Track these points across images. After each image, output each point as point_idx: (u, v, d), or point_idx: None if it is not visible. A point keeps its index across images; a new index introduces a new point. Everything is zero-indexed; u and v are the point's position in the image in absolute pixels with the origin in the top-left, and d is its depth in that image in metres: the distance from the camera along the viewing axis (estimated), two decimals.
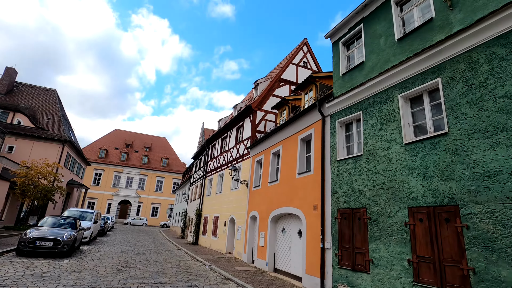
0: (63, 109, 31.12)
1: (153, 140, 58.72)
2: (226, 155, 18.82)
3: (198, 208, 22.01)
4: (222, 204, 17.75)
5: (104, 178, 47.91)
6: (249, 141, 15.81)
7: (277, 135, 12.30)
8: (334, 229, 7.73)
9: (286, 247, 10.51)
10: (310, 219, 8.87)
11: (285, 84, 17.70)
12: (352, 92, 8.08)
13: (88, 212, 16.51)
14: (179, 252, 15.71)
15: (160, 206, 50.16)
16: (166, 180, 51.88)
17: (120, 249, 14.47)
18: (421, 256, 5.48)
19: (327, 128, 8.92)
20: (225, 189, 17.88)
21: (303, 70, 18.73)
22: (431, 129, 6.02)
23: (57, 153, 24.64)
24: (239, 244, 14.39)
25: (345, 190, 7.64)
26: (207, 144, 23.46)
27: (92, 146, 50.85)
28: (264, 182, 12.91)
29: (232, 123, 18.81)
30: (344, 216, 7.51)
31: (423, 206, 5.63)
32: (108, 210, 46.71)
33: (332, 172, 8.27)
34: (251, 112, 16.26)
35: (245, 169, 15.51)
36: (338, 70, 9.10)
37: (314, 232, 8.56)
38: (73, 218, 12.11)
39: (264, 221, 12.02)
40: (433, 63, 6.07)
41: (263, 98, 16.63)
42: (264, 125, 16.25)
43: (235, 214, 15.68)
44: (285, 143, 11.61)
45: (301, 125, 10.52)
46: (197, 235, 21.13)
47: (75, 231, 11.18)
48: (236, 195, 16.06)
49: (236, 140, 17.94)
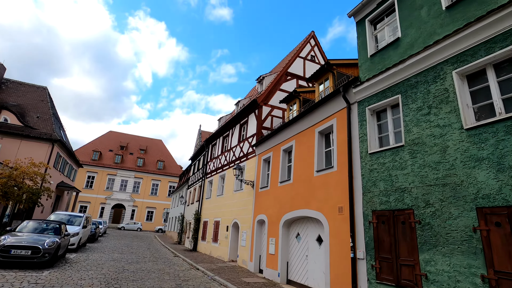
0: (54, 108, 29.58)
1: (148, 142, 57.13)
2: (228, 155, 17.49)
3: (196, 212, 20.58)
4: (224, 207, 16.38)
5: (97, 181, 46.12)
6: (254, 139, 14.52)
7: (289, 129, 11.04)
8: (368, 235, 6.44)
9: (301, 255, 9.18)
10: (334, 223, 7.57)
11: (292, 78, 16.50)
12: (386, 73, 6.86)
13: (77, 216, 15.03)
14: (177, 260, 14.28)
15: (156, 210, 48.43)
16: (161, 183, 50.23)
17: (111, 257, 13.00)
18: (502, 272, 4.21)
19: (354, 117, 7.67)
20: (227, 191, 16.52)
21: (311, 64, 17.58)
22: (501, 110, 4.79)
23: (46, 153, 23.10)
24: (244, 251, 13.02)
25: (381, 188, 6.37)
26: (207, 143, 22.12)
27: (85, 148, 49.12)
28: (273, 182, 11.60)
29: (234, 120, 17.51)
30: (381, 219, 6.23)
31: (501, 206, 4.38)
32: (101, 214, 44.87)
33: (362, 167, 7.01)
34: (257, 108, 15.00)
35: (250, 168, 14.20)
36: (364, 51, 7.90)
37: (340, 239, 7.26)
38: (57, 223, 10.66)
39: (274, 226, 10.69)
40: (503, 28, 4.86)
41: (269, 92, 15.40)
42: (270, 121, 14.99)
43: (239, 218, 14.33)
44: (298, 138, 10.34)
45: (318, 117, 9.27)
46: (195, 240, 19.67)
47: (59, 238, 9.75)
48: (240, 197, 14.71)
49: (239, 138, 16.65)
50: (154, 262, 12.80)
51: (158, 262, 12.96)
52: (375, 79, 7.12)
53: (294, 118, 10.38)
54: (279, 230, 10.27)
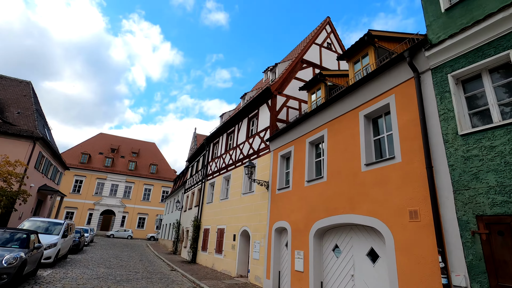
0: (38, 104, 27.11)
1: (141, 145, 54.51)
2: (234, 153, 15.38)
3: (196, 218, 18.30)
4: (230, 213, 14.20)
5: (86, 186, 43.23)
6: (267, 133, 12.48)
7: (317, 117, 9.03)
8: (472, 252, 4.41)
9: (343, 275, 7.09)
10: (403, 233, 5.53)
11: (308, 66, 14.60)
12: (479, 26, 4.93)
13: (56, 224, 12.65)
14: (175, 276, 11.99)
15: (148, 216, 45.65)
16: (154, 188, 47.56)
17: (95, 273, 10.66)
18: None
19: (427, 89, 5.70)
20: (233, 194, 14.36)
21: (328, 52, 15.75)
22: None
23: (26, 152, 20.59)
24: (258, 266, 10.85)
25: (492, 183, 4.37)
26: (208, 142, 19.94)
27: (73, 150, 46.26)
28: (297, 181, 9.54)
29: (241, 114, 15.46)
30: (496, 228, 4.21)
31: None
32: (89, 221, 41.93)
33: (450, 155, 5.00)
34: (270, 97, 12.99)
35: (263, 167, 12.11)
36: (435, 6, 5.96)
37: (415, 255, 5.21)
38: (25, 232, 8.35)
39: (302, 235, 8.58)
40: None
41: (283, 80, 13.42)
42: (286, 113, 12.98)
43: (249, 225, 12.17)
44: (333, 125, 8.33)
45: (363, 97, 7.29)
46: (194, 251, 17.36)
47: (26, 252, 7.47)
48: (250, 201, 12.58)
49: (248, 134, 14.58)
50: (148, 279, 10.51)
51: (153, 279, 10.68)
52: (462, 35, 5.18)
53: (328, 101, 8.36)
54: (309, 241, 8.16)
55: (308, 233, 8.25)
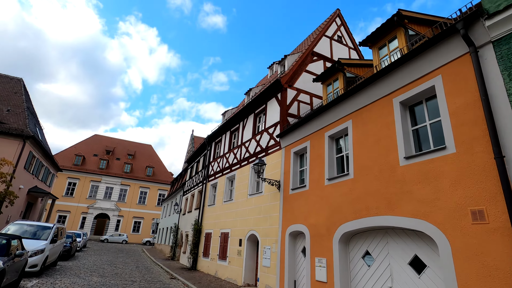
0: (29, 101, 25.90)
1: (137, 147, 53.17)
2: (239, 151, 14.37)
3: (196, 222, 17.18)
4: (235, 216, 13.15)
5: (79, 188, 41.75)
6: (277, 128, 11.52)
7: (338, 108, 8.09)
8: None
9: (378, 287, 6.08)
10: (461, 238, 4.55)
11: (318, 59, 13.71)
12: None
13: (45, 228, 11.48)
14: (175, 285, 10.89)
15: (143, 220, 44.24)
16: (150, 191, 46.20)
17: (87, 283, 9.52)
18: None
19: (489, 66, 4.76)
20: (238, 195, 13.32)
21: (338, 46, 14.90)
22: None
23: (15, 151, 19.37)
24: (268, 274, 9.80)
25: None
26: (209, 141, 18.90)
27: (66, 152, 44.82)
28: (315, 180, 8.55)
29: (246, 110, 14.48)
30: None
31: None
32: (82, 225, 40.43)
33: None
34: (280, 91, 12.05)
35: (273, 165, 11.12)
36: None
37: (484, 265, 4.22)
38: (6, 237, 7.22)
39: (324, 240, 7.58)
40: None
41: (294, 73, 12.50)
42: (297, 107, 12.03)
43: (257, 229, 11.13)
44: (359, 116, 7.38)
45: (401, 79, 6.35)
46: (195, 257, 16.22)
47: (5, 260, 6.37)
48: (258, 203, 11.56)
49: (254, 131, 13.60)
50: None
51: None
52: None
53: (357, 87, 7.41)
54: (334, 246, 7.16)
55: (332, 238, 7.25)
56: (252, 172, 12.72)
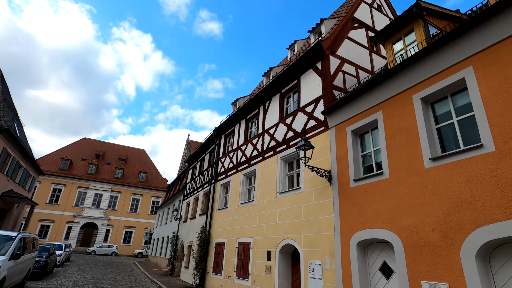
0: (8, 93, 22.74)
1: (129, 152, 49.82)
2: (261, 141, 11.58)
3: (203, 230, 14.19)
4: (258, 221, 10.27)
5: (65, 195, 38.09)
6: (318, 105, 8.84)
7: (444, 53, 5.44)
8: None
9: None
10: None
11: (360, 27, 11.18)
12: None
13: (5, 238, 8.39)
14: None
15: (135, 230, 40.63)
16: (143, 198, 42.74)
17: None
18: None
19: None
20: (262, 195, 10.48)
21: (378, 15, 12.49)
22: None
23: None
24: None
25: None
26: (218, 134, 16.05)
27: (52, 155, 41.24)
28: (401, 163, 5.81)
29: (268, 92, 11.80)
30: None
31: None
32: (67, 235, 36.66)
33: None
34: (321, 58, 9.40)
35: (316, 152, 8.32)
36: None
37: None
38: None
39: (438, 255, 4.79)
40: None
41: (335, 38, 9.91)
42: (342, 79, 9.37)
43: (296, 237, 8.28)
44: (485, 59, 4.72)
45: None
46: (203, 273, 13.18)
47: None
48: (295, 202, 8.73)
49: (282, 113, 10.88)
50: None
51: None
52: None
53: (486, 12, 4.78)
54: (464, 264, 4.36)
55: (459, 250, 4.47)
56: (282, 164, 9.95)
